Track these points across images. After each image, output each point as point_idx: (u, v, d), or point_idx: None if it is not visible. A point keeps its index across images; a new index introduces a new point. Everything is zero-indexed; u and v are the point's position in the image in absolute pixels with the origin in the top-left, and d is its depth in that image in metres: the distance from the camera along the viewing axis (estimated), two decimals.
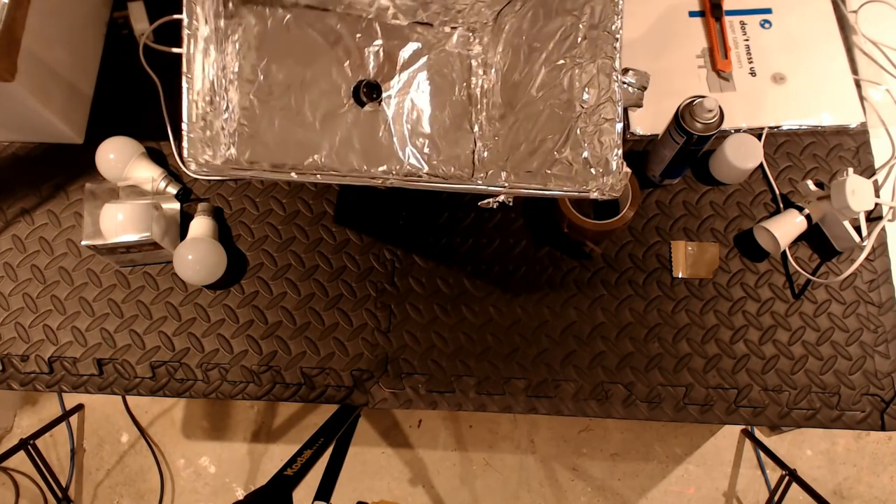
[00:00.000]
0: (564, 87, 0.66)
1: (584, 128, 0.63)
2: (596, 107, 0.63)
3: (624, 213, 0.74)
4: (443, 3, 0.72)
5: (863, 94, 0.85)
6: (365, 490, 1.48)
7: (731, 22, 0.89)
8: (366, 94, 0.72)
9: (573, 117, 0.65)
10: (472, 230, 0.82)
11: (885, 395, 0.76)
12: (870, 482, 1.47)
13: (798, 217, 0.77)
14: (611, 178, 0.60)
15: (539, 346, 0.78)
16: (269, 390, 0.78)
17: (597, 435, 1.50)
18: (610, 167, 0.60)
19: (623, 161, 0.60)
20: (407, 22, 0.73)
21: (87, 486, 1.50)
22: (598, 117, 0.62)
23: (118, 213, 0.74)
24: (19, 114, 0.77)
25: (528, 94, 0.71)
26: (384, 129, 0.74)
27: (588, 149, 0.63)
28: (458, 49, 0.76)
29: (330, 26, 0.71)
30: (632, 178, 0.75)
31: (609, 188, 0.59)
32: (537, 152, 0.69)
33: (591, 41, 0.63)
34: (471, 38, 0.76)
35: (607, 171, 0.60)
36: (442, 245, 0.82)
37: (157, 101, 0.87)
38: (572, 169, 0.65)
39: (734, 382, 0.77)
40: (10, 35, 0.68)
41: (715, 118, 0.70)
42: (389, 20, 0.73)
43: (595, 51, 0.63)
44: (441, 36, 0.76)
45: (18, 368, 0.79)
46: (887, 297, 0.79)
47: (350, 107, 0.72)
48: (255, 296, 0.80)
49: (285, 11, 0.70)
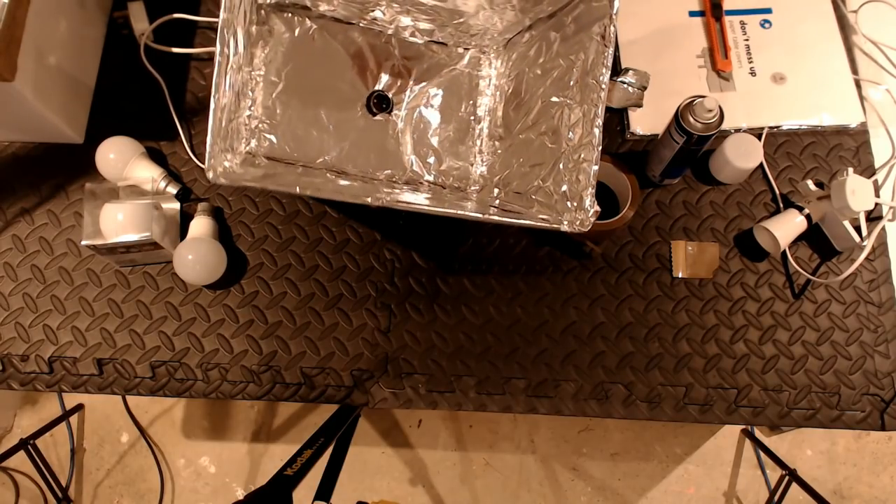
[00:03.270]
0: (555, 122, 0.71)
1: (567, 163, 0.68)
2: (578, 146, 0.67)
3: (624, 213, 0.74)
4: (458, 26, 0.77)
5: (863, 94, 0.85)
6: (365, 490, 1.48)
7: (731, 22, 0.89)
8: (376, 106, 0.77)
9: (559, 152, 0.69)
10: (472, 230, 0.82)
11: (885, 394, 0.76)
12: (870, 482, 1.47)
13: (798, 217, 0.77)
14: (582, 214, 0.65)
15: (539, 346, 0.78)
16: (269, 390, 0.78)
17: (597, 435, 1.50)
18: (583, 204, 0.65)
19: (595, 201, 0.65)
20: (423, 40, 0.79)
21: (87, 486, 1.50)
22: (578, 156, 0.67)
23: (118, 213, 0.74)
24: (19, 114, 0.77)
25: (525, 122, 0.75)
26: (392, 136, 0.78)
27: (567, 183, 0.68)
28: (468, 69, 0.80)
29: (352, 39, 0.77)
30: (632, 178, 0.75)
31: (579, 223, 0.64)
32: (526, 176, 0.73)
33: (582, 86, 0.68)
34: (481, 59, 0.81)
35: (580, 207, 0.65)
36: (442, 245, 0.82)
37: (157, 100, 0.87)
38: (552, 198, 0.69)
39: (734, 382, 0.77)
40: (10, 35, 0.68)
41: (715, 118, 0.70)
42: (407, 37, 0.78)
43: (583, 95, 0.67)
44: (454, 56, 0.80)
45: (18, 368, 0.79)
46: (887, 297, 0.79)
47: (362, 115, 0.77)
48: (255, 296, 0.80)
49: (313, 22, 0.76)
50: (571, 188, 0.67)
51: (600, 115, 0.64)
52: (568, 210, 0.66)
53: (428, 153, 0.79)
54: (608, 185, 0.82)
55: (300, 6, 0.75)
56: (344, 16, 0.76)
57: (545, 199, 0.70)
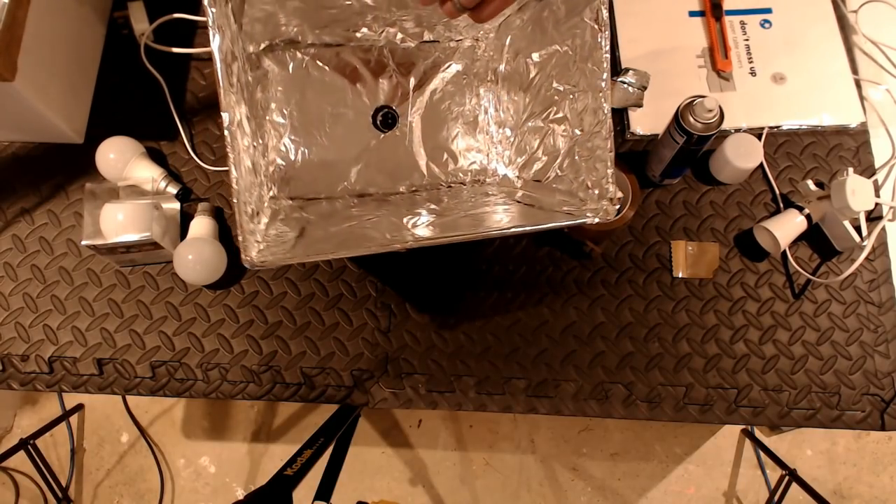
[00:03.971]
0: (563, 110, 0.70)
1: (581, 152, 0.67)
2: (590, 134, 0.66)
3: (624, 213, 0.74)
4: (446, 22, 0.76)
5: (863, 94, 0.85)
6: (365, 490, 1.48)
7: (731, 22, 0.89)
8: (383, 122, 0.77)
9: (573, 140, 0.69)
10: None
11: (885, 394, 0.76)
12: (870, 482, 1.47)
13: (798, 217, 0.77)
14: (605, 203, 0.64)
15: (539, 346, 0.78)
16: (269, 390, 0.78)
17: (597, 435, 1.50)
18: (605, 192, 0.64)
19: (616, 188, 0.64)
20: (416, 43, 0.78)
21: (87, 486, 1.51)
22: (592, 144, 0.66)
23: (118, 213, 0.74)
24: (19, 114, 0.77)
25: (532, 109, 0.74)
26: (405, 148, 0.78)
27: (585, 172, 0.67)
28: (465, 60, 0.80)
29: (345, 60, 0.77)
30: (632, 178, 0.75)
31: (603, 212, 0.63)
32: (544, 166, 0.73)
33: (583, 72, 0.66)
34: (475, 48, 0.80)
35: (602, 196, 0.64)
36: (442, 245, 0.82)
37: (158, 100, 0.87)
38: (573, 185, 0.68)
39: (734, 382, 0.77)
40: (10, 34, 0.68)
41: (715, 118, 0.70)
42: (399, 45, 0.78)
43: (588, 82, 0.66)
44: (448, 51, 0.79)
45: (18, 368, 0.79)
46: (887, 297, 0.79)
47: (371, 133, 0.77)
48: (255, 296, 0.80)
49: (303, 54, 0.76)
50: (590, 176, 0.65)
51: (607, 100, 0.62)
52: (591, 198, 0.65)
53: (442, 154, 0.79)
54: None
55: (288, 41, 0.75)
56: (333, 39, 0.76)
57: (566, 187, 0.69)
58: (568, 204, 0.67)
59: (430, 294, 0.80)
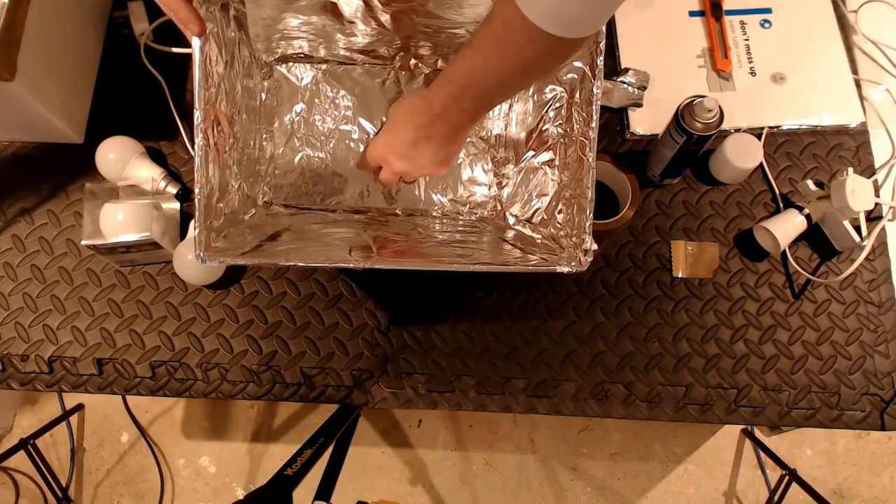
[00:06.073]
0: (555, 155, 0.71)
1: (565, 194, 0.68)
2: (572, 181, 0.66)
3: (624, 213, 0.74)
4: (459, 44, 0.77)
5: (863, 93, 0.85)
6: (365, 490, 1.48)
7: (731, 22, 0.89)
8: None
9: (560, 185, 0.69)
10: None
11: (884, 394, 0.76)
12: (870, 482, 1.47)
13: (798, 217, 0.77)
14: (580, 253, 0.62)
15: (539, 346, 0.78)
16: (269, 390, 0.78)
17: (597, 435, 1.50)
18: (582, 241, 0.62)
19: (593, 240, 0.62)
20: (429, 70, 0.80)
21: (87, 486, 1.50)
22: (574, 192, 0.66)
23: (118, 213, 0.74)
24: (19, 114, 0.77)
25: (527, 150, 0.76)
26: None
27: (564, 212, 0.67)
28: None
29: (355, 79, 0.80)
30: (632, 178, 0.75)
31: (577, 263, 0.61)
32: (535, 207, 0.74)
33: (574, 119, 0.67)
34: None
35: (579, 245, 0.63)
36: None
37: (158, 100, 0.87)
38: (555, 230, 0.69)
39: (734, 382, 0.77)
40: (10, 35, 0.68)
41: (715, 118, 0.70)
42: (412, 68, 0.80)
43: (577, 128, 0.66)
44: None
45: (18, 368, 0.79)
46: (887, 296, 0.79)
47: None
48: (255, 296, 0.80)
49: (316, 70, 0.79)
50: (569, 225, 0.66)
51: (593, 150, 0.62)
52: (568, 247, 0.65)
53: (443, 182, 0.80)
54: (608, 185, 0.81)
55: (302, 56, 0.78)
56: (345, 57, 0.79)
57: (550, 232, 0.70)
58: (548, 249, 0.68)
59: (430, 294, 0.80)
